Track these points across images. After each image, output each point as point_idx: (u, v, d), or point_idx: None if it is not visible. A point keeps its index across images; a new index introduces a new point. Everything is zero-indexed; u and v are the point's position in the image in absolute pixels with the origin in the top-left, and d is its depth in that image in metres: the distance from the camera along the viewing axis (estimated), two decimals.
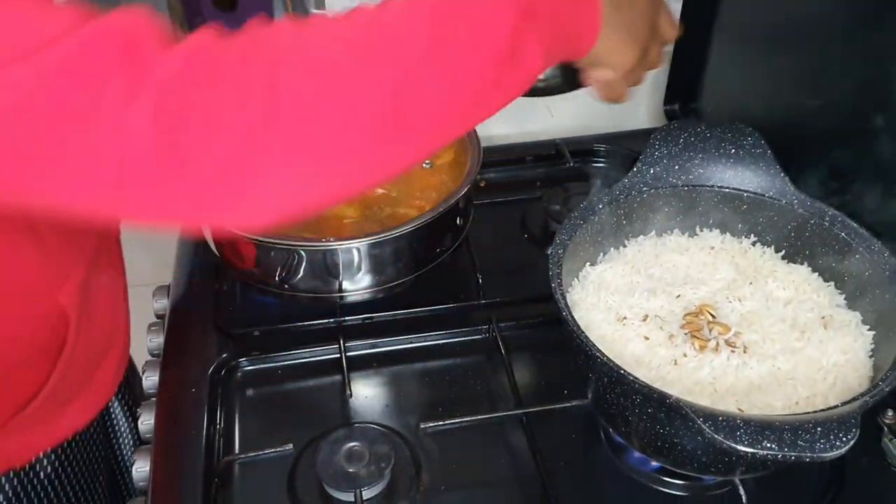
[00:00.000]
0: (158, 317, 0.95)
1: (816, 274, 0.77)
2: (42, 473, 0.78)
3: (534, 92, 0.89)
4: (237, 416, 0.80)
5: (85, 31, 0.45)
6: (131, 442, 0.93)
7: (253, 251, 0.84)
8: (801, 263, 0.78)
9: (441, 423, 0.77)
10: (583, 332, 0.65)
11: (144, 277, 1.13)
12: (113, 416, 0.90)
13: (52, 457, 0.79)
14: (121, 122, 0.45)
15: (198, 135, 0.46)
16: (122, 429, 0.92)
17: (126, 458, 0.93)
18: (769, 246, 0.80)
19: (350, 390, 0.81)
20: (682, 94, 1.12)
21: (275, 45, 0.49)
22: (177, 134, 0.45)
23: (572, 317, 0.67)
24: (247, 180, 0.48)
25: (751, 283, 0.75)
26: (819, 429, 0.55)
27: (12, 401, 0.71)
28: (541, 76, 0.75)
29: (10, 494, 0.75)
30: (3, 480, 0.74)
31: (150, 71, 0.45)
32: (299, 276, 0.83)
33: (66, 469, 0.81)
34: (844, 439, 0.54)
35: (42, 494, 0.78)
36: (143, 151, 0.45)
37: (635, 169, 0.80)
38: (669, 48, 0.73)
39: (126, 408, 0.91)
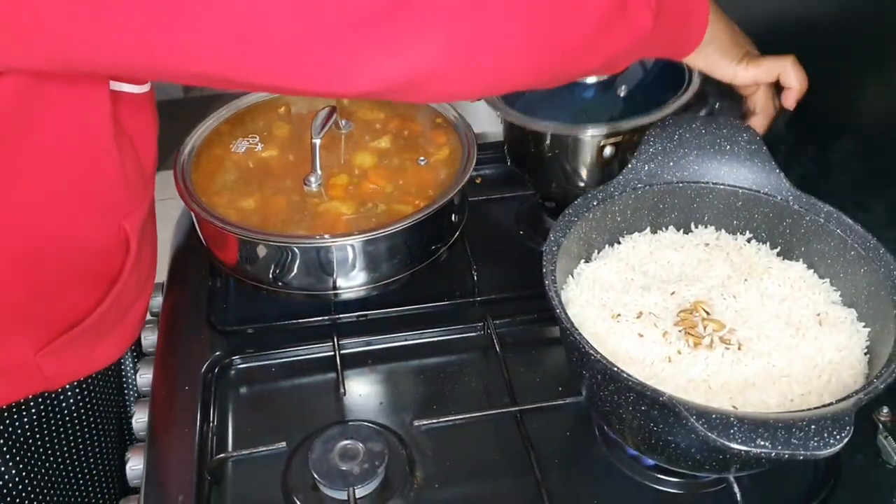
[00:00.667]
0: (152, 314, 0.95)
1: (812, 271, 0.76)
2: (65, 404, 0.82)
3: None
4: (230, 413, 0.80)
5: None
6: (137, 395, 0.97)
7: (244, 249, 0.84)
8: (797, 260, 0.77)
9: (435, 420, 0.77)
10: (576, 330, 0.65)
11: None
12: (124, 366, 0.94)
13: (77, 390, 0.83)
14: None
15: None
16: (131, 381, 0.96)
17: (132, 410, 0.97)
18: (764, 243, 0.80)
19: (344, 388, 0.81)
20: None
21: None
22: None
23: (566, 314, 0.67)
24: (398, 34, 0.53)
25: (746, 280, 0.75)
26: (813, 426, 0.54)
27: (67, 315, 0.76)
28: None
29: (35, 419, 0.80)
30: (31, 403, 0.79)
31: None
32: (293, 273, 0.83)
33: (86, 405, 0.85)
34: (839, 437, 0.54)
35: (60, 425, 0.83)
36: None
37: (630, 165, 0.80)
38: None
39: (134, 362, 0.96)
